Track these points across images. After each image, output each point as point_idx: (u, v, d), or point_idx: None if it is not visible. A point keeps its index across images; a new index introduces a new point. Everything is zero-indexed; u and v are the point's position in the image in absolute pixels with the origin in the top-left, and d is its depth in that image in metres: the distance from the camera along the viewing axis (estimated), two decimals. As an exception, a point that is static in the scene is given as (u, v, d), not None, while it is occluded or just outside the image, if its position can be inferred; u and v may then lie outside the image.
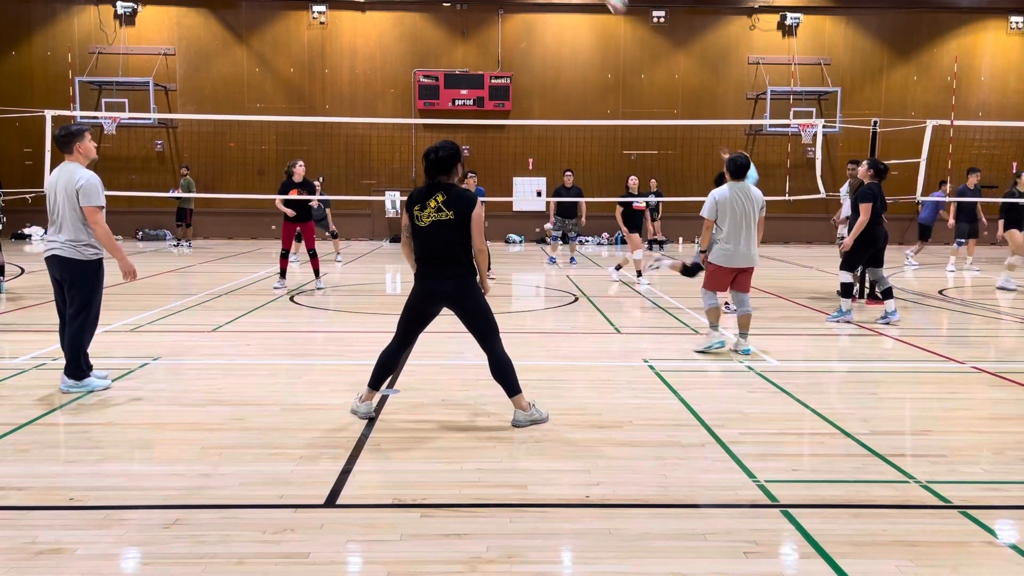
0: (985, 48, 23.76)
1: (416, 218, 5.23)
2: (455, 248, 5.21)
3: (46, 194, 6.14)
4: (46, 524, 3.74)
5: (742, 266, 7.61)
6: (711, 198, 7.64)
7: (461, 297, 5.28)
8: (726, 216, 7.54)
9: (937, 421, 5.57)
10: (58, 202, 5.93)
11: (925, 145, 14.16)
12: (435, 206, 5.17)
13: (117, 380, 6.39)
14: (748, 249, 7.57)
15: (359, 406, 5.48)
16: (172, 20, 22.87)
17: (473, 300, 5.31)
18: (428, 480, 4.32)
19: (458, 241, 5.21)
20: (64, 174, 5.96)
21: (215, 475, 4.35)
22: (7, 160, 21.91)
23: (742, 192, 7.57)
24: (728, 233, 7.54)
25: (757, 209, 7.62)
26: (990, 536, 3.71)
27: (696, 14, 23.50)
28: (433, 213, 5.18)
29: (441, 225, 5.16)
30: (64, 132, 6.03)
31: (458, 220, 5.17)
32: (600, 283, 13.33)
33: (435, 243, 5.20)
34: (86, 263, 5.95)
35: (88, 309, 6.00)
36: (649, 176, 21.89)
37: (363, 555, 3.47)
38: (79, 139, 6.02)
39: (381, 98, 23.22)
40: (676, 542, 3.61)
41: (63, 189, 5.91)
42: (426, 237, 5.22)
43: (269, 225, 22.88)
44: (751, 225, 7.57)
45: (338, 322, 9.58)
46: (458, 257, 5.23)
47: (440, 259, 5.23)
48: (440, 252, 5.21)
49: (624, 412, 5.62)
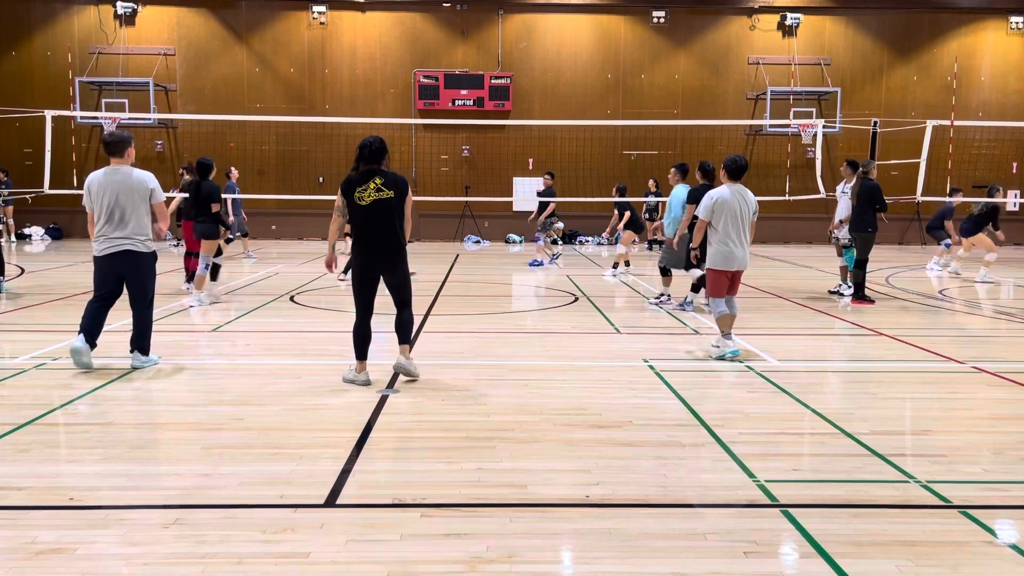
0: (985, 48, 23.76)
1: (357, 199, 6.07)
2: (394, 223, 6.14)
3: (93, 194, 6.61)
4: (46, 524, 3.74)
5: (738, 269, 7.55)
6: (708, 199, 7.53)
7: (397, 265, 6.25)
8: (723, 217, 7.44)
9: (937, 421, 5.57)
10: (120, 201, 6.55)
11: (925, 145, 14.18)
12: (375, 187, 6.07)
13: (117, 380, 6.40)
14: (743, 251, 7.52)
15: (356, 376, 6.26)
16: (172, 20, 22.87)
17: (404, 269, 6.33)
18: (428, 480, 4.32)
19: (396, 216, 6.15)
20: (121, 175, 6.61)
21: (215, 475, 4.35)
22: (7, 160, 21.90)
23: (740, 194, 7.51)
24: (725, 235, 7.44)
25: (751, 212, 7.57)
26: (990, 536, 3.71)
27: (696, 14, 23.50)
28: (374, 193, 6.07)
29: (381, 203, 6.08)
30: (116, 138, 6.70)
31: (397, 197, 6.12)
32: (600, 283, 13.33)
33: (377, 219, 6.08)
34: (151, 255, 6.79)
35: (152, 294, 6.90)
36: (649, 176, 21.90)
37: (363, 555, 3.47)
38: (130, 145, 6.74)
39: (381, 98, 23.23)
40: (676, 542, 3.61)
41: (127, 189, 6.56)
42: (369, 214, 6.07)
43: (270, 225, 22.90)
44: (746, 227, 7.53)
45: (338, 322, 9.57)
46: (396, 230, 6.15)
47: (381, 232, 6.11)
48: (381, 226, 6.10)
49: (624, 412, 5.62)
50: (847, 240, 11.69)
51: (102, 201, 6.56)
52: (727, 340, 7.45)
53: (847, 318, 9.94)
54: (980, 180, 22.80)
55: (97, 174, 6.68)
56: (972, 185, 19.94)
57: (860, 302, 10.94)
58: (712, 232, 7.54)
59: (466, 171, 23.45)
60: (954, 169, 20.45)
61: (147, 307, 6.81)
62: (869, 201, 10.89)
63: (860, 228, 10.97)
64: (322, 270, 14.90)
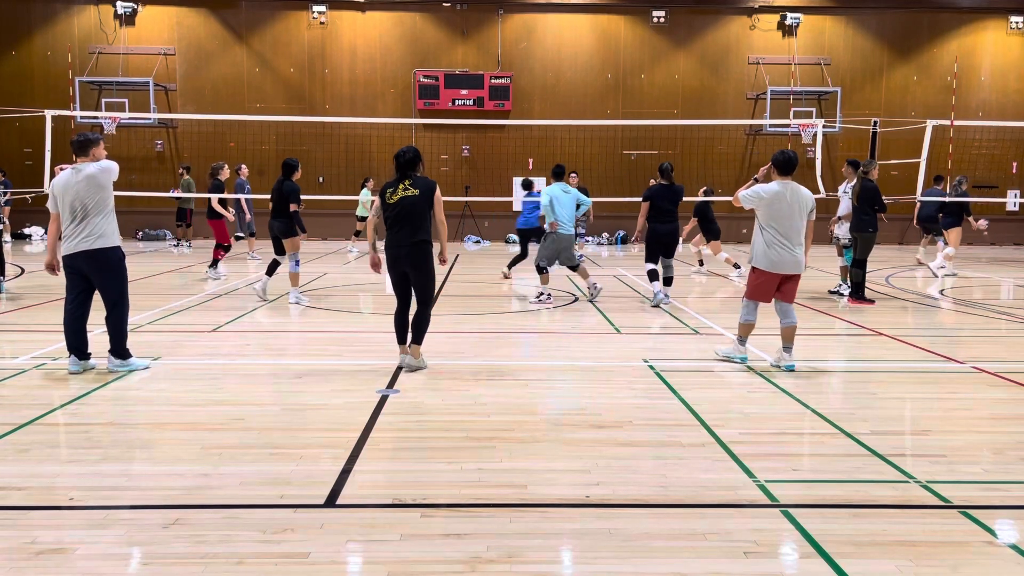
0: (985, 48, 23.76)
1: (387, 197, 6.63)
2: (417, 218, 6.54)
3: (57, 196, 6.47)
4: (46, 524, 3.74)
5: (789, 272, 6.96)
6: (755, 192, 6.94)
7: (420, 262, 6.60)
8: (773, 215, 6.87)
9: (937, 421, 5.57)
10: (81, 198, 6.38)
11: (925, 145, 14.19)
12: (403, 187, 6.62)
13: (117, 380, 6.40)
14: (796, 254, 6.92)
15: (403, 359, 6.80)
16: (172, 20, 22.86)
17: (427, 267, 6.65)
18: (428, 480, 4.32)
19: (421, 213, 6.55)
20: (82, 173, 6.45)
21: (215, 475, 4.35)
22: (7, 160, 21.90)
23: (791, 190, 6.94)
24: (775, 235, 6.89)
25: (807, 210, 7.00)
26: (990, 536, 3.71)
27: (696, 14, 23.50)
28: (401, 192, 6.61)
29: (407, 199, 6.57)
30: (83, 138, 6.59)
31: (422, 195, 6.57)
32: (600, 283, 13.31)
33: (402, 214, 6.55)
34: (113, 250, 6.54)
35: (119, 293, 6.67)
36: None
37: (363, 555, 3.47)
38: (95, 145, 6.60)
39: (381, 98, 23.22)
40: (676, 542, 3.61)
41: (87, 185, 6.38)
42: (395, 211, 6.57)
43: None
44: (800, 227, 6.95)
45: (338, 322, 9.58)
46: (420, 225, 6.55)
47: (405, 227, 6.54)
48: (406, 222, 6.54)
49: (624, 412, 5.62)
50: (847, 240, 11.70)
51: (64, 200, 6.40)
52: (741, 346, 7.20)
53: (847, 318, 9.94)
54: (980, 180, 22.82)
55: (61, 176, 6.54)
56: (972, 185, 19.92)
57: (859, 302, 10.93)
58: (760, 230, 7.00)
59: (466, 171, 23.45)
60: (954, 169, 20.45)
61: (115, 307, 6.58)
62: (868, 202, 10.89)
63: (861, 228, 10.97)
64: (323, 270, 14.92)
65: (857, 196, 11.03)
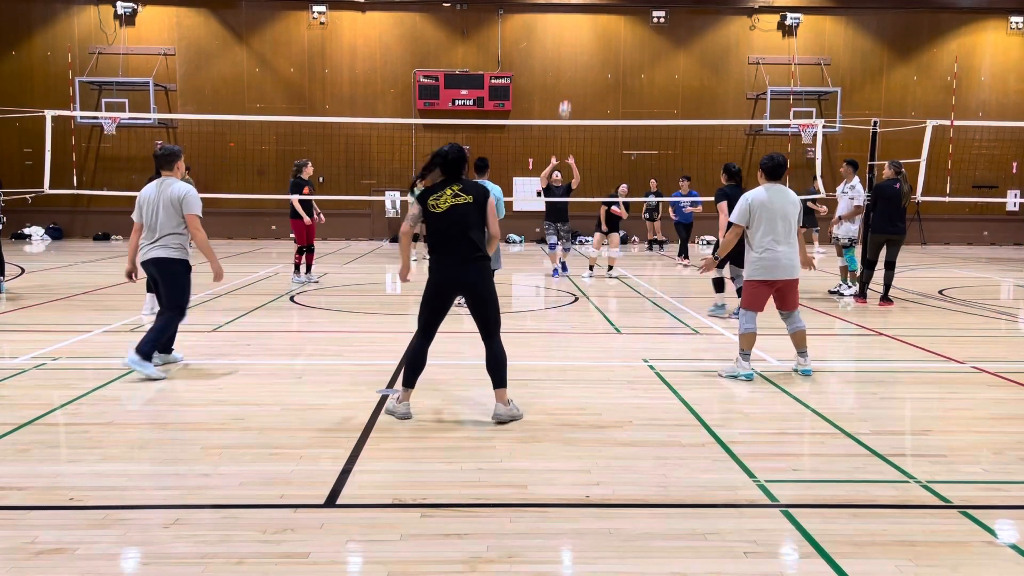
0: (985, 48, 23.77)
1: (432, 205, 5.29)
2: (473, 231, 5.29)
3: (141, 205, 6.79)
4: (46, 524, 3.73)
5: (784, 278, 6.66)
6: (744, 201, 6.67)
7: (478, 283, 5.33)
8: (762, 221, 6.59)
9: (937, 421, 5.57)
10: (159, 212, 6.66)
11: (925, 145, 14.17)
12: (452, 193, 5.30)
13: (117, 380, 6.40)
14: (790, 259, 6.63)
15: (397, 407, 5.45)
16: (172, 20, 22.88)
17: (488, 288, 5.38)
18: (428, 480, 4.32)
19: (476, 224, 5.30)
20: (165, 187, 6.76)
21: (215, 475, 4.35)
22: (7, 160, 21.91)
23: (779, 193, 6.69)
24: (764, 240, 6.59)
25: (797, 213, 6.74)
26: (990, 536, 3.71)
27: (696, 14, 23.51)
28: (451, 199, 5.28)
29: (459, 208, 5.27)
30: (167, 151, 6.94)
31: (476, 203, 5.30)
32: (600, 283, 13.32)
33: (455, 227, 5.26)
34: (180, 262, 6.73)
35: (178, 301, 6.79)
36: (649, 176, 21.90)
37: (363, 555, 3.47)
38: (179, 159, 6.99)
39: (381, 98, 23.23)
40: (676, 542, 3.61)
41: (167, 200, 6.69)
42: (446, 223, 5.27)
43: (270, 225, 22.90)
44: (791, 230, 6.67)
45: (338, 322, 9.57)
46: (476, 241, 5.29)
47: (460, 243, 5.26)
48: (459, 234, 5.26)
49: (624, 412, 5.62)
50: (847, 240, 11.68)
51: (144, 210, 6.76)
52: (744, 362, 6.65)
53: (847, 318, 9.94)
54: (980, 180, 22.84)
55: (146, 189, 6.90)
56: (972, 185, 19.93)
57: (884, 303, 10.82)
58: (750, 238, 6.70)
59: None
60: (954, 169, 20.46)
61: (166, 310, 6.73)
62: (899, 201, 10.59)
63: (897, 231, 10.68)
64: (323, 270, 14.91)
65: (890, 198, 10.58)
